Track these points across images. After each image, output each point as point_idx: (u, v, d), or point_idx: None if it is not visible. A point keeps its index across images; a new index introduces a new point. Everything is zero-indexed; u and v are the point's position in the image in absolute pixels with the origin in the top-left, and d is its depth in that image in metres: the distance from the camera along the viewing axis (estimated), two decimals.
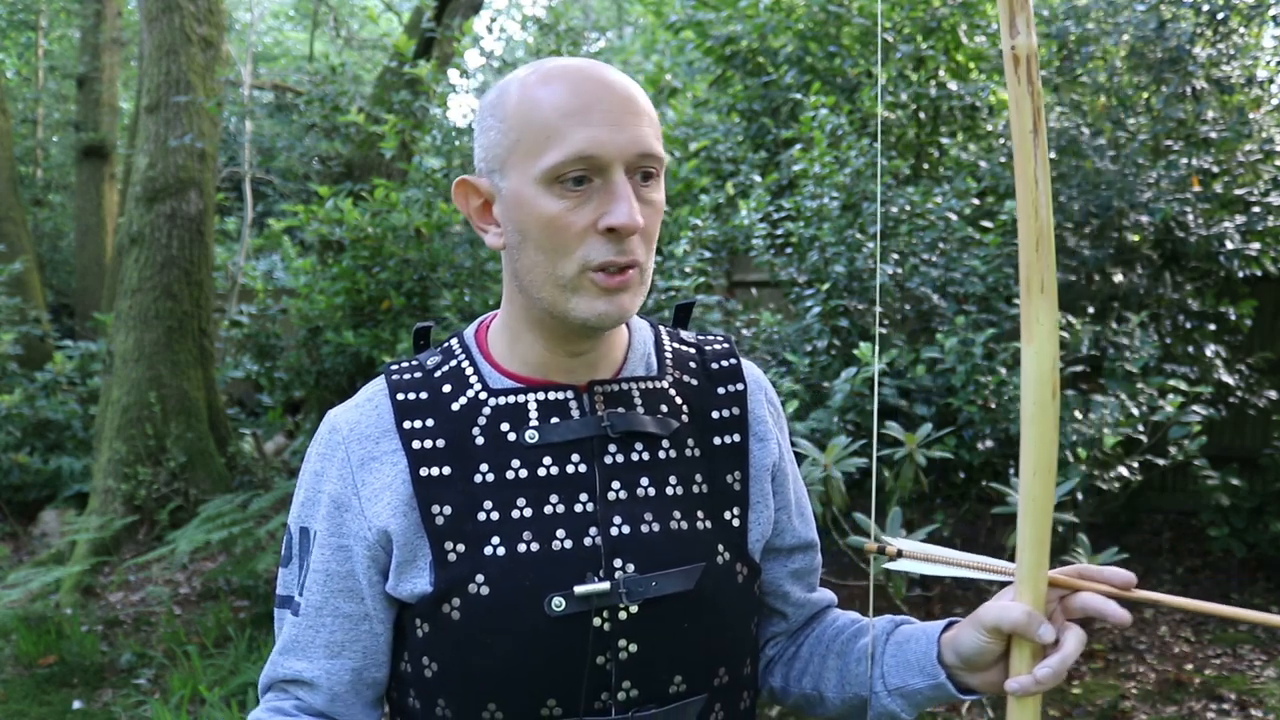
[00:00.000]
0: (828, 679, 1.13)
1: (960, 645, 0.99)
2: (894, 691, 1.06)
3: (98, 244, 10.03)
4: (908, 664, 1.05)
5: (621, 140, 0.94)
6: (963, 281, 3.71)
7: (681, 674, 1.02)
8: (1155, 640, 4.20)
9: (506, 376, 1.05)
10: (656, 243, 1.02)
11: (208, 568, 5.29)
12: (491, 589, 0.97)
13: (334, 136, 5.49)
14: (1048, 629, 0.93)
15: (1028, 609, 0.93)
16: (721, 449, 1.08)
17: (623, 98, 0.96)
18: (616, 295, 0.96)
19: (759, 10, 5.41)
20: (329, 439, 1.05)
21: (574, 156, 0.93)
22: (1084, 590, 0.95)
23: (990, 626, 0.95)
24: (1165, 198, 4.06)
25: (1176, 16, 4.31)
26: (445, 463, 1.00)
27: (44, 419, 6.80)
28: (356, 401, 1.06)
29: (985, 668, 0.99)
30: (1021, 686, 0.94)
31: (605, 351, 1.06)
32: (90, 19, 10.54)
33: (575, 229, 0.95)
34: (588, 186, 0.94)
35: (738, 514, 1.07)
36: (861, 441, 2.84)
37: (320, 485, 1.04)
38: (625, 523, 1.00)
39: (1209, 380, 4.12)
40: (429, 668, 1.01)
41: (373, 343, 4.37)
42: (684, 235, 3.87)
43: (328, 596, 1.03)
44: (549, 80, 0.97)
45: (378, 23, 12.17)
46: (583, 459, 1.01)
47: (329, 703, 1.04)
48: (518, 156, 0.97)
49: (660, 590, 0.99)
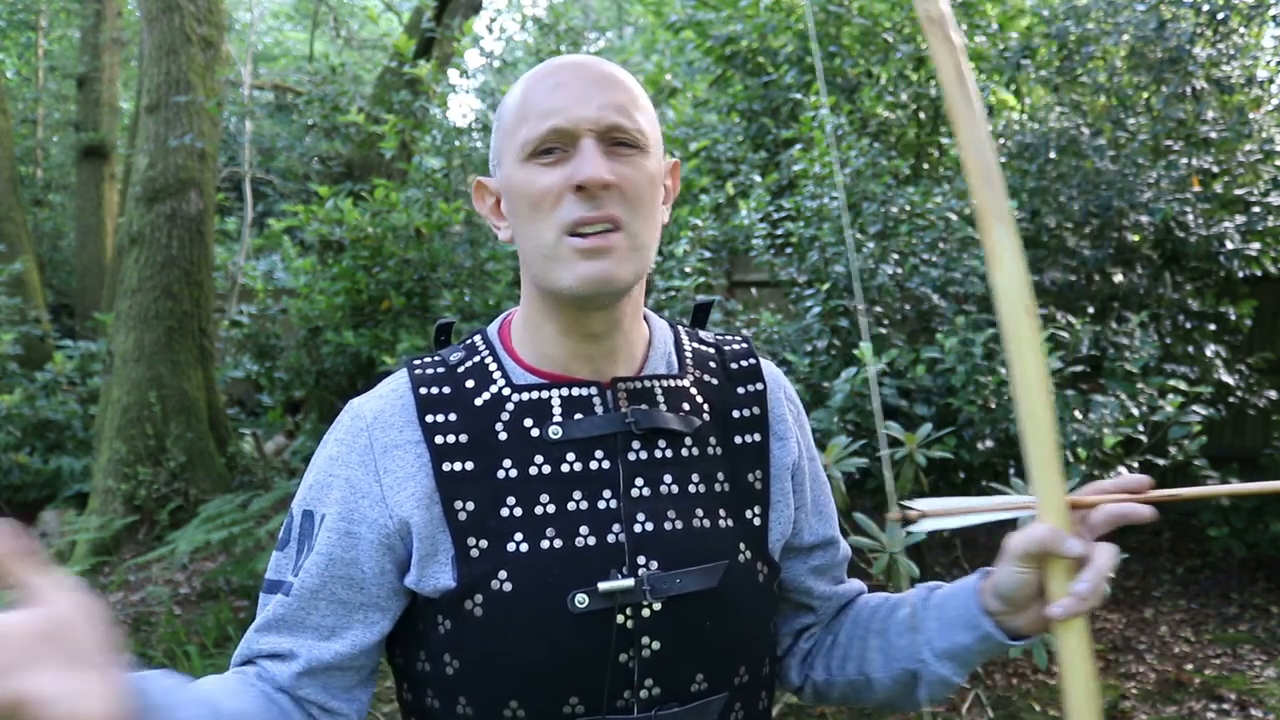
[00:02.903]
0: (871, 659, 1.13)
1: (1000, 585, 0.99)
2: (942, 655, 1.06)
3: (98, 244, 10.04)
4: (950, 622, 1.05)
5: (588, 110, 0.97)
6: (963, 281, 3.71)
7: (703, 672, 1.02)
8: (1155, 640, 4.20)
9: (530, 372, 1.05)
10: (655, 222, 1.03)
11: (208, 568, 5.29)
12: (515, 585, 0.97)
13: (334, 136, 5.50)
14: (1074, 543, 0.93)
15: (1050, 525, 0.93)
16: (743, 448, 1.08)
17: (598, 76, 1.00)
18: (596, 259, 0.96)
19: (759, 10, 5.41)
20: (351, 425, 1.04)
21: (542, 129, 0.97)
22: (1102, 503, 0.96)
23: (1020, 554, 0.95)
24: (1165, 198, 4.06)
25: (1176, 16, 4.31)
26: (468, 458, 1.00)
27: (44, 419, 6.80)
28: (380, 392, 1.06)
29: (1027, 604, 0.98)
30: (1064, 609, 0.93)
31: (625, 345, 1.06)
32: (90, 19, 10.54)
33: (550, 193, 0.97)
34: (560, 155, 0.98)
35: (759, 513, 1.08)
36: (861, 441, 2.84)
37: (335, 469, 1.02)
38: (649, 520, 1.00)
39: (1209, 380, 4.12)
40: (450, 665, 1.00)
41: (373, 343, 4.37)
42: (684, 235, 3.87)
43: (325, 581, 1.00)
44: (537, 74, 1.02)
45: (378, 23, 12.17)
46: (606, 455, 1.01)
47: (296, 678, 1.00)
48: (507, 144, 1.02)
49: (684, 588, 0.99)
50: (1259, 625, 4.33)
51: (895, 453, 2.71)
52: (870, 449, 3.09)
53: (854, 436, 3.07)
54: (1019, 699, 3.66)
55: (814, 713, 3.54)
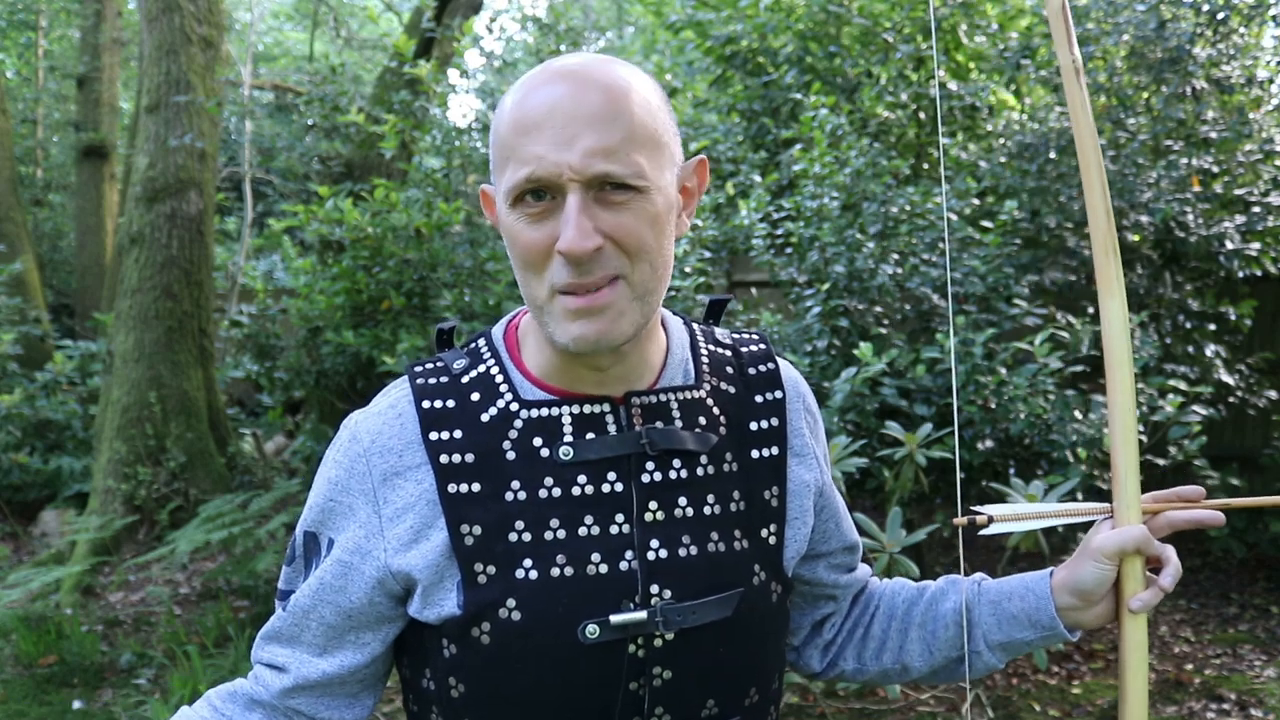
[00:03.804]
0: (911, 650, 1.16)
1: (1081, 582, 1.04)
2: (996, 647, 1.11)
3: (98, 244, 10.03)
4: (1013, 620, 1.09)
5: (571, 159, 0.87)
6: (963, 281, 3.71)
7: (714, 698, 1.00)
8: (1155, 640, 4.20)
9: (537, 385, 0.99)
10: (665, 257, 0.95)
11: (208, 568, 5.29)
12: (523, 614, 0.94)
13: (334, 136, 5.50)
14: (1159, 544, 1.04)
15: (1144, 528, 1.02)
16: (759, 463, 1.05)
17: (587, 105, 0.89)
18: (590, 319, 0.90)
19: (759, 10, 5.41)
20: (349, 448, 0.99)
21: (524, 178, 0.89)
22: (1167, 510, 1.05)
23: (1112, 553, 1.01)
24: (1165, 198, 4.06)
25: (1176, 16, 4.31)
26: (474, 479, 0.95)
27: (44, 419, 6.80)
28: (379, 408, 1.01)
29: (1099, 600, 1.05)
30: (1144, 602, 1.02)
31: (637, 362, 1.00)
32: (90, 19, 10.54)
33: (537, 249, 0.91)
34: (548, 203, 0.90)
35: (774, 531, 1.05)
36: (861, 441, 2.84)
37: (335, 495, 1.00)
38: (662, 546, 0.97)
39: (1209, 380, 4.12)
40: (455, 688, 0.98)
41: (373, 343, 4.36)
42: (684, 235, 3.87)
43: (315, 604, 1.01)
44: (524, 90, 0.93)
45: (378, 23, 12.17)
46: (619, 477, 0.97)
47: (285, 692, 1.02)
48: (496, 174, 0.96)
49: (699, 620, 0.96)
50: (1259, 625, 4.33)
51: (895, 453, 2.71)
52: (870, 449, 3.09)
53: (854, 436, 3.07)
54: (1019, 699, 3.66)
55: (814, 713, 3.54)
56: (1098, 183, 1.03)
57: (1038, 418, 3.23)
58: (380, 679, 1.08)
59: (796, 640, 1.22)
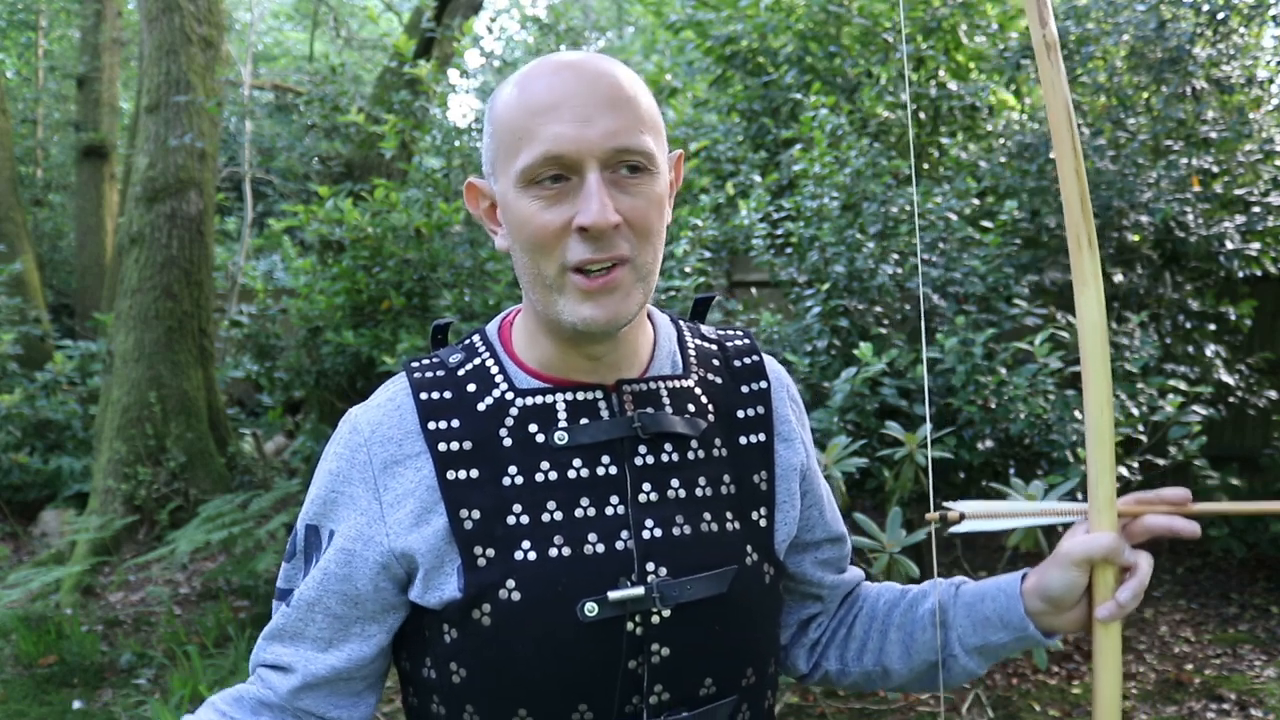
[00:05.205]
0: (891, 652, 1.15)
1: (1049, 588, 1.02)
2: (972, 650, 1.10)
3: (98, 244, 10.03)
4: (986, 622, 1.08)
5: (592, 135, 0.91)
6: (963, 281, 3.71)
7: (712, 676, 1.02)
8: (1155, 640, 4.20)
9: (532, 375, 1.03)
10: (662, 241, 0.99)
11: (208, 568, 5.29)
12: (523, 594, 0.96)
13: (334, 136, 5.50)
14: (1130, 552, 0.99)
15: (1115, 535, 0.98)
16: (748, 448, 1.08)
17: (600, 90, 0.93)
18: (602, 298, 0.94)
19: (759, 10, 5.41)
20: (349, 439, 1.02)
21: (542, 157, 0.91)
22: (1147, 513, 1.00)
23: (1080, 559, 0.99)
24: (1165, 198, 4.05)
25: (1176, 16, 4.31)
26: (473, 465, 0.98)
27: (44, 419, 6.80)
28: (378, 401, 1.04)
29: (1071, 606, 1.02)
30: (1110, 612, 0.99)
31: (628, 352, 1.04)
32: (90, 19, 10.54)
33: (552, 229, 0.93)
34: (564, 185, 0.93)
35: (764, 514, 1.07)
36: (861, 441, 2.84)
37: (337, 486, 1.02)
38: (657, 525, 0.99)
39: (1209, 380, 4.12)
40: (457, 673, 0.99)
41: (373, 343, 4.37)
42: (684, 235, 3.87)
43: (321, 594, 1.01)
44: (529, 79, 0.96)
45: (378, 23, 12.17)
46: (613, 460, 1.00)
47: (293, 692, 1.03)
48: (501, 160, 0.97)
49: (694, 594, 0.99)
50: (1259, 625, 4.34)
51: (895, 453, 2.71)
52: (870, 449, 3.09)
53: (854, 436, 3.07)
54: (1019, 699, 3.66)
55: (814, 713, 3.54)
56: (1071, 167, 0.99)
57: (1038, 418, 3.23)
58: (381, 677, 1.08)
59: (784, 639, 1.23)
